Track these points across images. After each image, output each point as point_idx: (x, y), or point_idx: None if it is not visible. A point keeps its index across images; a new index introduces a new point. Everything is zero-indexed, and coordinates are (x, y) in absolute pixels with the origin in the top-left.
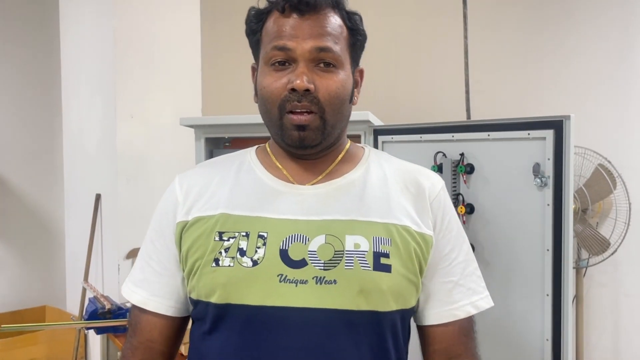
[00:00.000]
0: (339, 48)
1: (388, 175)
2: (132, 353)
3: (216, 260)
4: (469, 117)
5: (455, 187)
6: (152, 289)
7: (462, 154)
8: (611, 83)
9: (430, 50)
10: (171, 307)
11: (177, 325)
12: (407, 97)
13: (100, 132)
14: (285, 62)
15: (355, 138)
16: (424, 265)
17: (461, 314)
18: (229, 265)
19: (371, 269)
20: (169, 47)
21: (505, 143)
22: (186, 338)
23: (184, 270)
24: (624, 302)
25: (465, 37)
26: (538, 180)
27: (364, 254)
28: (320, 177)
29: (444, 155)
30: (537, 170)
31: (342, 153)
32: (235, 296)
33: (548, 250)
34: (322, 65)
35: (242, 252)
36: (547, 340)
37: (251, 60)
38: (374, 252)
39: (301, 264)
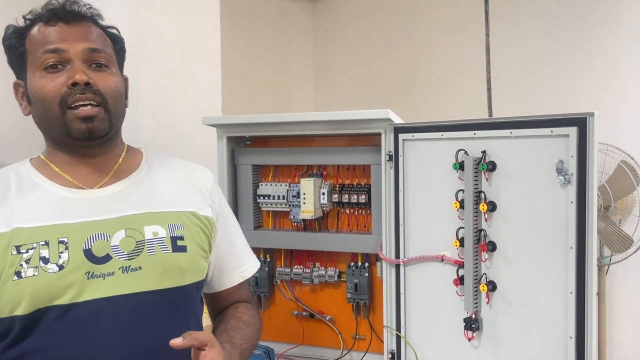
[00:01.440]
0: (109, 51)
1: (170, 172)
2: None
3: (18, 273)
4: (490, 114)
5: (477, 184)
6: None
7: (484, 152)
8: (634, 79)
9: (451, 47)
10: None
11: None
12: (428, 95)
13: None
14: (59, 64)
15: (376, 136)
16: (211, 241)
17: (247, 274)
18: (34, 275)
19: (170, 251)
20: (189, 47)
21: (528, 140)
22: None
23: None
24: None
25: (487, 35)
26: (561, 177)
27: (162, 240)
28: (106, 179)
29: (466, 153)
30: (560, 167)
31: (123, 153)
32: (44, 301)
33: (572, 247)
34: (94, 66)
35: (45, 260)
36: (571, 338)
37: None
38: (171, 237)
39: (106, 259)
